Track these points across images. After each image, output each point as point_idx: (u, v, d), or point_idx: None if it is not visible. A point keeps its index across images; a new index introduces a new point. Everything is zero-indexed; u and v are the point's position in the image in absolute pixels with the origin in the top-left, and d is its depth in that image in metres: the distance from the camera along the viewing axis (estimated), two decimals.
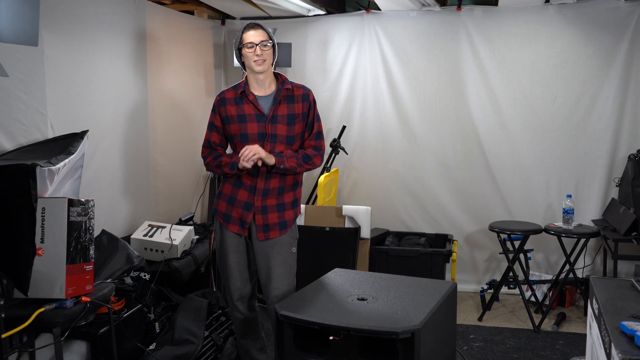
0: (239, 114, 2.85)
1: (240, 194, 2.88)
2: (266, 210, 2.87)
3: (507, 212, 4.71)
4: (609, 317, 1.86)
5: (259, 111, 2.83)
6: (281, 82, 2.88)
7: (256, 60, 2.77)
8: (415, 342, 2.05)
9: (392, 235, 4.70)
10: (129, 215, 3.85)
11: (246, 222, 2.87)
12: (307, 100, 2.92)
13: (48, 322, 2.35)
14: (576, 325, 4.09)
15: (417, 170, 4.86)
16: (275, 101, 2.84)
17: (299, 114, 2.88)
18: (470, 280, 4.85)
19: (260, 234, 2.86)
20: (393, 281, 2.62)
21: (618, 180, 4.37)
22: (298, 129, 2.89)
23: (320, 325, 2.15)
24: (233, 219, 2.89)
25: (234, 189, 2.89)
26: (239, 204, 2.88)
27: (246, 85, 2.87)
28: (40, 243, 2.41)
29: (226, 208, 2.91)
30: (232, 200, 2.89)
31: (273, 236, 2.88)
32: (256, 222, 2.87)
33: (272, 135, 2.83)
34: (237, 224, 2.89)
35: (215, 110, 2.91)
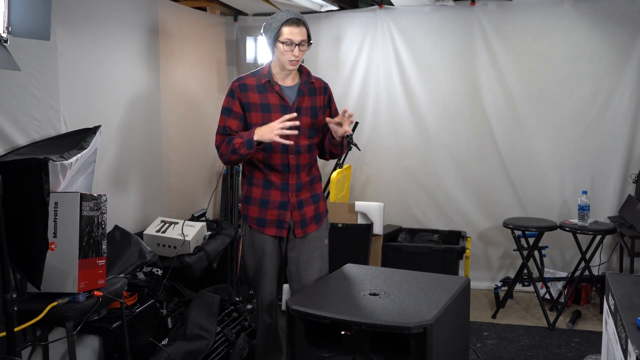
0: (262, 103, 2.75)
1: (273, 194, 2.80)
2: (302, 204, 2.83)
3: (521, 208, 4.67)
4: (625, 312, 1.82)
5: (284, 102, 2.75)
6: (306, 75, 2.82)
7: (292, 60, 2.68)
8: (428, 337, 2.03)
9: (405, 232, 4.67)
10: (141, 211, 3.86)
11: (284, 221, 2.80)
12: (326, 93, 2.89)
13: (61, 316, 2.36)
14: (592, 323, 4.04)
15: (430, 166, 4.83)
16: (300, 93, 2.78)
17: (320, 107, 2.84)
18: (484, 278, 4.81)
19: (298, 230, 2.82)
20: (405, 276, 2.60)
21: (635, 176, 4.31)
22: (320, 121, 2.84)
23: (331, 320, 2.13)
24: (269, 222, 2.81)
25: (264, 190, 2.81)
26: (274, 204, 2.80)
27: (270, 74, 2.78)
28: (53, 237, 2.42)
29: (259, 212, 2.82)
30: (265, 203, 2.81)
31: (310, 231, 2.85)
32: (294, 218, 2.81)
33: (295, 127, 2.73)
34: (274, 225, 2.81)
35: (234, 96, 2.76)
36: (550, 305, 4.30)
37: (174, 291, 3.58)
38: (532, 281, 4.21)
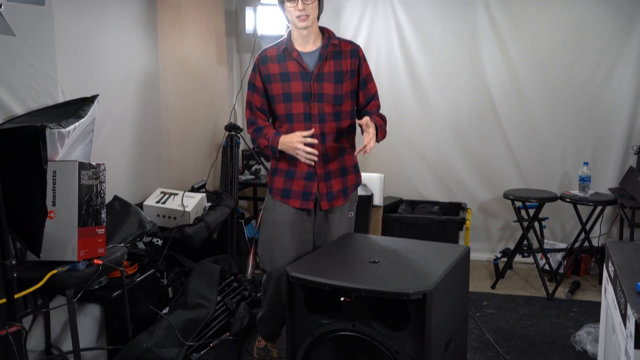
0: (281, 72, 2.68)
1: (300, 165, 2.73)
2: (329, 176, 2.77)
3: (522, 180, 4.66)
4: (625, 278, 1.83)
5: (304, 69, 2.68)
6: (327, 37, 2.73)
7: (299, 16, 2.59)
8: (427, 303, 2.03)
9: (406, 204, 4.67)
10: (141, 182, 3.85)
11: (311, 193, 2.75)
12: (356, 56, 2.77)
13: (61, 284, 2.36)
14: (590, 293, 4.06)
15: (431, 137, 4.80)
16: (321, 57, 2.69)
17: (347, 71, 2.73)
18: (484, 249, 4.82)
19: (324, 202, 2.77)
20: (405, 244, 2.60)
21: (637, 147, 4.29)
22: (347, 87, 2.74)
23: (331, 287, 2.13)
24: (294, 193, 2.76)
25: (291, 161, 2.74)
26: (300, 175, 2.75)
27: (289, 42, 2.70)
28: (52, 206, 2.41)
29: (284, 183, 2.77)
30: (292, 174, 2.76)
31: (337, 205, 2.81)
32: (320, 190, 2.77)
33: (318, 94, 2.69)
34: (299, 197, 2.76)
35: (256, 70, 2.74)
36: (549, 276, 4.32)
37: (174, 261, 3.59)
38: (531, 252, 4.22)
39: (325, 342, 2.25)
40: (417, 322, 2.07)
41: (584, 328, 3.28)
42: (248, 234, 4.51)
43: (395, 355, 2.11)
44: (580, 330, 3.28)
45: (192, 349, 2.77)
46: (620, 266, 1.95)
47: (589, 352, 3.12)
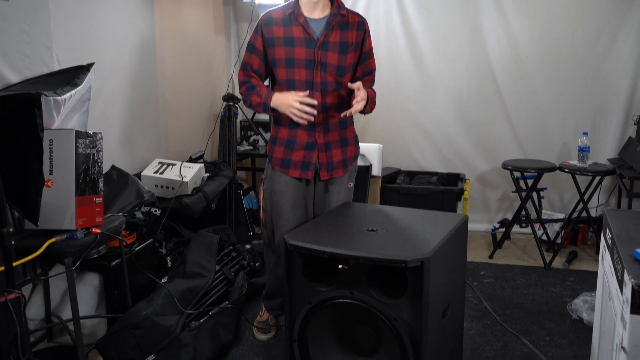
0: (286, 36, 2.63)
1: (300, 134, 2.72)
2: (329, 146, 2.76)
3: (521, 151, 4.65)
4: (623, 245, 1.83)
5: (309, 35, 2.62)
6: (336, 7, 2.68)
7: None
8: (425, 271, 2.03)
9: (404, 174, 4.67)
10: (139, 153, 3.84)
11: (310, 163, 2.74)
12: (362, 29, 2.73)
13: (59, 253, 2.36)
14: (587, 263, 4.08)
15: (430, 108, 4.78)
16: (328, 26, 2.64)
17: (352, 43, 2.70)
18: (482, 220, 4.83)
19: (323, 172, 2.77)
20: (403, 213, 2.60)
21: (636, 118, 4.27)
22: (350, 59, 2.70)
23: (329, 254, 2.14)
24: (294, 163, 2.75)
25: (291, 131, 2.73)
26: (300, 145, 2.73)
27: (296, 6, 2.64)
28: (49, 175, 2.40)
29: (284, 153, 2.76)
30: (291, 143, 2.74)
31: (336, 175, 2.81)
32: (320, 160, 2.76)
33: (321, 63, 2.65)
34: (298, 167, 2.75)
35: (258, 31, 2.68)
36: (547, 246, 4.34)
37: (172, 231, 3.60)
38: (529, 222, 4.23)
39: (323, 309, 2.26)
40: (415, 289, 2.08)
41: (580, 296, 3.31)
42: (246, 204, 4.51)
43: (393, 322, 2.12)
44: (577, 299, 3.31)
45: (191, 317, 2.79)
46: (618, 233, 1.95)
47: (585, 320, 3.15)
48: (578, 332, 3.07)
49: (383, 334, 2.21)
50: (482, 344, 2.96)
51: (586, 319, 3.15)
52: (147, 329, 2.54)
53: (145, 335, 2.53)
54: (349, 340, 2.32)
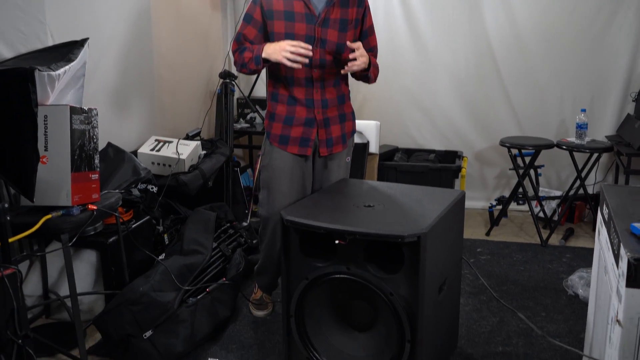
0: (286, 10, 2.59)
1: (298, 111, 2.71)
2: (328, 122, 2.75)
3: (519, 128, 4.64)
4: (619, 220, 1.83)
5: (310, 11, 2.59)
6: None
7: None
8: (421, 246, 2.04)
9: (402, 152, 4.66)
10: (135, 130, 3.81)
11: (309, 139, 2.73)
12: (362, 5, 2.71)
13: (55, 229, 2.35)
14: (584, 240, 4.09)
15: (428, 85, 4.75)
16: (329, 2, 2.60)
17: (352, 20, 2.68)
18: (480, 197, 4.84)
19: (323, 148, 2.77)
20: (400, 189, 2.60)
21: (635, 95, 4.26)
22: (350, 37, 2.68)
23: (326, 230, 2.14)
24: (292, 140, 2.73)
25: (289, 107, 2.72)
26: (299, 121, 2.72)
27: None
28: (44, 151, 2.39)
29: (283, 129, 2.73)
30: (290, 120, 2.72)
31: (336, 151, 2.81)
32: (319, 137, 2.75)
33: (321, 40, 2.61)
34: (297, 143, 2.73)
35: (257, 2, 2.63)
36: (543, 224, 4.35)
37: (169, 209, 3.59)
38: (526, 200, 4.23)
39: (320, 285, 2.27)
40: (411, 264, 2.09)
41: (576, 273, 3.32)
42: (244, 182, 4.50)
43: (389, 297, 2.13)
44: (573, 275, 3.32)
45: (188, 294, 2.80)
46: (615, 208, 1.95)
47: (580, 296, 3.17)
48: (574, 307, 3.08)
49: (379, 309, 2.22)
50: (478, 319, 2.98)
51: (582, 294, 3.17)
52: (145, 305, 2.55)
53: (143, 311, 2.54)
54: (346, 315, 2.34)
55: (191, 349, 2.69)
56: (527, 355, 2.65)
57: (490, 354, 2.67)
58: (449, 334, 2.59)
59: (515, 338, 2.80)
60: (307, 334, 2.36)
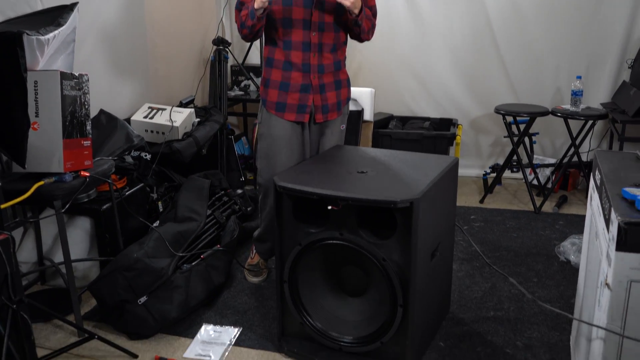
0: None
1: (294, 76, 2.70)
2: (324, 88, 2.74)
3: (514, 96, 4.61)
4: (611, 185, 1.83)
5: None
6: None
7: None
8: (414, 211, 2.04)
9: (396, 120, 4.64)
10: (127, 97, 3.78)
11: (306, 105, 2.72)
12: None
13: (48, 195, 2.35)
14: (577, 207, 4.11)
15: (424, 53, 4.71)
16: None
17: None
18: (474, 165, 4.84)
19: (319, 115, 2.76)
20: (394, 155, 2.59)
21: (631, 61, 4.23)
22: None
23: (318, 196, 2.14)
24: (289, 107, 2.72)
25: (285, 72, 2.70)
26: (295, 87, 2.70)
27: None
28: (35, 117, 2.37)
29: (279, 96, 2.72)
30: (286, 86, 2.71)
31: (331, 117, 2.81)
32: (315, 102, 2.74)
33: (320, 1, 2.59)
34: (294, 110, 2.72)
35: None
36: (537, 191, 4.36)
37: (163, 176, 3.59)
38: (521, 167, 4.23)
39: (313, 250, 2.29)
40: (404, 230, 2.10)
41: (569, 239, 3.34)
42: (238, 150, 4.49)
43: (382, 262, 2.15)
44: (565, 241, 3.35)
45: (182, 260, 2.81)
46: (607, 173, 1.95)
47: (572, 262, 3.20)
48: (565, 273, 3.11)
49: (372, 275, 2.24)
50: (471, 285, 3.01)
51: (573, 260, 3.20)
52: (139, 271, 2.56)
53: (137, 277, 2.55)
54: (339, 280, 2.35)
55: (186, 315, 2.71)
56: (518, 319, 2.68)
57: (481, 318, 2.70)
58: (442, 299, 2.62)
59: (506, 303, 2.83)
60: (300, 299, 2.38)
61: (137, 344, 2.55)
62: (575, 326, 2.35)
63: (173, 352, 2.50)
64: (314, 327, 2.38)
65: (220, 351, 2.49)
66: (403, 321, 2.19)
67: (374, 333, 2.27)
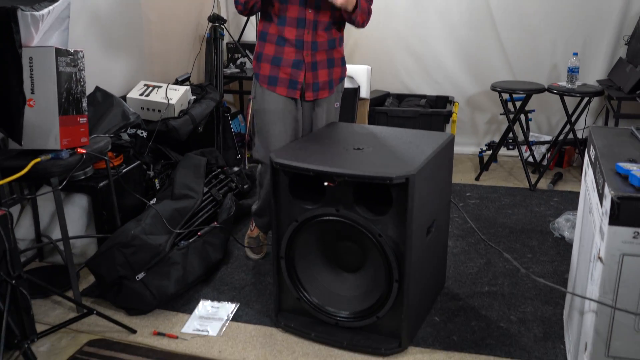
0: None
1: (287, 52, 2.67)
2: (316, 66, 2.71)
3: (510, 73, 4.61)
4: (605, 160, 1.85)
5: None
6: None
7: None
8: (410, 187, 2.06)
9: (393, 97, 4.64)
10: (123, 75, 3.77)
11: (297, 82, 2.69)
12: None
13: (45, 173, 2.35)
14: (572, 184, 4.14)
15: (420, 29, 4.68)
16: None
17: None
18: (470, 143, 4.85)
19: (309, 92, 2.74)
20: (390, 132, 2.60)
21: (627, 38, 4.22)
22: None
23: (315, 172, 2.15)
24: (281, 81, 2.70)
25: (278, 47, 2.67)
26: (287, 62, 2.68)
27: None
28: (31, 94, 2.36)
29: (271, 70, 2.69)
30: (278, 60, 2.68)
31: (322, 96, 2.79)
32: (306, 80, 2.71)
33: None
34: (286, 85, 2.70)
35: None
36: (532, 168, 4.38)
37: (160, 154, 3.59)
38: (516, 144, 4.24)
39: (310, 227, 2.30)
40: (400, 206, 2.11)
41: (563, 215, 3.37)
42: (234, 128, 4.48)
43: (378, 238, 2.17)
44: (559, 218, 3.37)
45: (179, 237, 2.83)
46: (601, 149, 1.96)
47: (566, 238, 3.23)
48: (559, 249, 3.14)
49: (368, 251, 2.26)
50: (466, 261, 3.04)
51: (568, 236, 3.23)
52: (137, 247, 2.58)
53: (135, 253, 2.57)
54: (335, 257, 2.38)
55: (183, 290, 2.74)
56: (512, 294, 2.71)
57: (476, 293, 2.73)
58: (437, 274, 2.64)
59: (501, 278, 2.86)
60: (297, 275, 2.40)
61: (135, 319, 2.58)
62: (569, 300, 2.39)
63: (171, 327, 2.52)
64: (311, 303, 2.40)
65: (218, 326, 2.52)
66: (398, 296, 2.22)
67: (369, 308, 2.30)
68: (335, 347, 2.36)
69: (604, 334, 1.72)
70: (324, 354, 2.33)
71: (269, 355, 2.33)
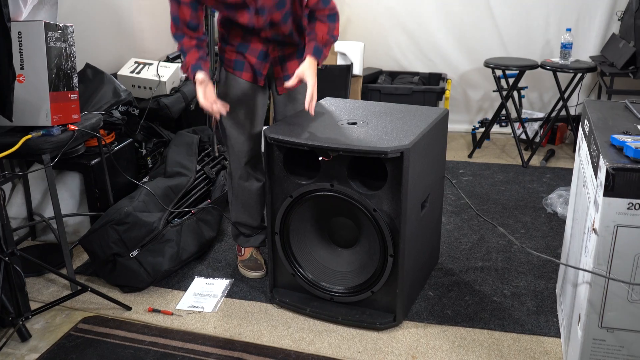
0: None
1: (254, 42, 2.41)
2: (284, 59, 2.48)
3: (504, 50, 4.59)
4: (600, 132, 1.85)
5: None
6: None
7: None
8: (404, 161, 2.05)
9: (385, 75, 4.62)
10: (113, 52, 3.72)
11: (261, 73, 2.47)
12: None
13: (36, 149, 2.33)
14: (564, 161, 4.15)
15: (413, 6, 4.65)
16: None
17: None
18: (463, 120, 4.84)
19: (281, 87, 2.52)
20: (384, 107, 2.59)
21: (621, 13, 4.21)
22: None
23: (309, 147, 2.14)
24: (246, 66, 2.45)
25: (245, 36, 2.40)
26: (253, 52, 2.42)
27: None
28: (20, 69, 2.33)
29: (237, 55, 2.45)
30: (244, 47, 2.42)
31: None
32: (275, 75, 2.50)
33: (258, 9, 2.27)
34: (250, 71, 2.46)
35: None
36: (525, 145, 4.39)
37: (152, 132, 3.56)
38: (509, 122, 4.25)
39: (304, 202, 2.30)
40: (394, 180, 2.11)
41: (556, 191, 3.38)
42: None
43: (373, 212, 2.16)
44: (552, 194, 3.39)
45: (173, 215, 2.82)
46: (596, 122, 1.96)
47: (559, 214, 3.24)
48: (552, 224, 3.16)
49: (363, 225, 2.26)
50: (459, 236, 3.05)
51: (560, 212, 3.24)
52: (130, 224, 2.57)
53: (128, 230, 2.56)
54: (330, 232, 2.38)
55: (178, 267, 2.74)
56: (505, 269, 2.73)
57: (470, 268, 2.74)
58: (431, 249, 2.65)
59: (494, 254, 2.87)
60: (291, 250, 2.40)
61: (130, 296, 2.58)
62: (561, 274, 2.40)
63: (166, 304, 2.53)
64: (305, 278, 2.41)
65: (213, 303, 2.52)
66: (393, 271, 2.23)
67: (364, 283, 2.31)
68: (330, 322, 2.37)
69: (598, 305, 1.74)
70: (319, 329, 2.34)
71: (264, 330, 2.34)
